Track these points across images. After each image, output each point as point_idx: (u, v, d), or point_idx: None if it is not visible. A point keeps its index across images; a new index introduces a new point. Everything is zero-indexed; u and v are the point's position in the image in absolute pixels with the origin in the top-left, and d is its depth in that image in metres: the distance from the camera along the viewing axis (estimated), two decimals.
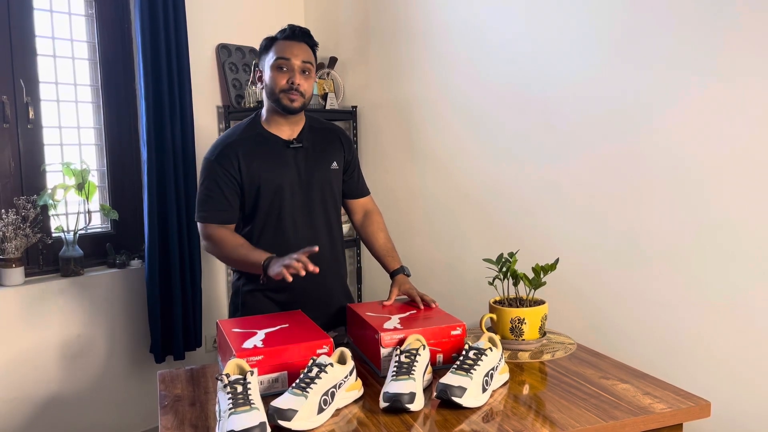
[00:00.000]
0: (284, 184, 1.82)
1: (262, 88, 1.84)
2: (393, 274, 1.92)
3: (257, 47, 3.32)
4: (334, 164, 1.90)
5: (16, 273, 2.60)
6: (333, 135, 1.94)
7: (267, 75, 1.80)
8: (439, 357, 1.58)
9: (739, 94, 1.80)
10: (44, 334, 2.67)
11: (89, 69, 2.90)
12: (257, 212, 1.83)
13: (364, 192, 2.05)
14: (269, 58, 1.80)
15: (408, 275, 1.92)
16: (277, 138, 1.84)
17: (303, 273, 1.55)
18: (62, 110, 2.82)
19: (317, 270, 1.57)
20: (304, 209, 1.86)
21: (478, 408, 1.35)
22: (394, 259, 1.96)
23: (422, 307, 1.75)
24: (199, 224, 1.83)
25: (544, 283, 1.74)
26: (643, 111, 2.04)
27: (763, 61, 1.74)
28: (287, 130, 1.85)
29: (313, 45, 1.84)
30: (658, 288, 2.05)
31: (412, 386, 1.34)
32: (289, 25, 1.82)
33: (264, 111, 1.87)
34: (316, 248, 1.63)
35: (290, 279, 1.55)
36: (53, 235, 2.77)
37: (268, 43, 1.82)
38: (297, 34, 1.79)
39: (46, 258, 2.76)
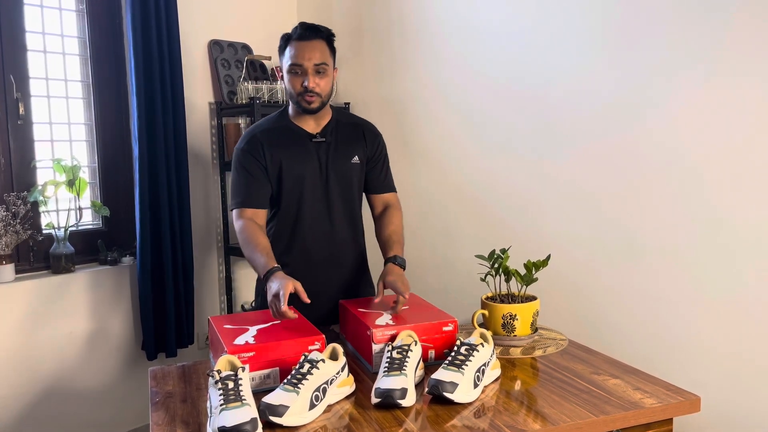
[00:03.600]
0: (305, 174, 1.86)
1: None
2: (384, 263, 1.88)
3: (250, 43, 3.34)
4: (356, 158, 1.93)
5: (7, 270, 2.59)
6: (358, 130, 1.96)
7: (285, 77, 1.85)
8: (431, 353, 1.58)
9: (735, 90, 1.81)
10: (35, 332, 2.66)
11: (80, 65, 2.88)
12: (279, 202, 1.88)
13: (387, 188, 2.03)
14: (285, 61, 1.84)
15: (400, 265, 1.82)
16: (302, 131, 1.88)
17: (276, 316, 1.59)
18: (53, 106, 2.80)
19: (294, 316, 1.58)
20: (324, 201, 1.89)
21: (470, 403, 1.36)
22: (391, 248, 1.88)
23: (404, 297, 1.66)
24: (233, 213, 1.85)
25: (536, 279, 1.74)
26: (639, 106, 2.05)
27: (759, 58, 1.75)
28: (312, 124, 1.89)
29: (327, 36, 1.84)
30: (649, 284, 2.06)
31: (403, 382, 1.34)
32: (300, 23, 1.83)
33: (290, 106, 1.91)
34: (307, 300, 1.60)
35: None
36: (44, 231, 2.75)
37: (283, 43, 1.85)
38: (307, 34, 1.80)
39: (36, 255, 2.75)
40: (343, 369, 1.41)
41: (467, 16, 2.62)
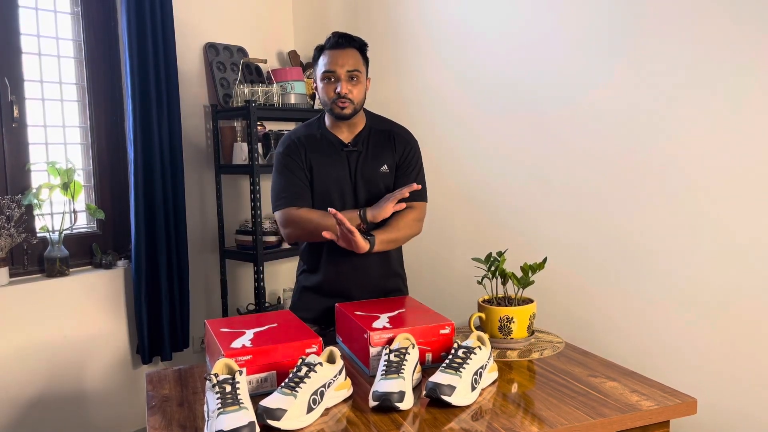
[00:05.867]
0: (334, 182, 1.88)
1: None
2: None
3: (245, 46, 3.33)
4: (385, 167, 1.92)
5: (1, 273, 2.57)
6: (389, 137, 1.94)
7: (318, 86, 1.87)
8: (428, 356, 1.58)
9: (732, 94, 1.82)
10: (30, 335, 2.64)
11: (75, 67, 2.88)
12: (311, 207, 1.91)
13: (413, 197, 1.90)
14: (318, 69, 1.86)
15: (367, 238, 1.77)
16: (335, 138, 1.91)
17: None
18: (47, 109, 2.79)
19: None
20: (352, 208, 1.89)
21: (468, 406, 1.36)
22: (379, 228, 1.83)
23: (406, 193, 1.79)
24: (277, 214, 1.88)
25: (533, 282, 1.75)
26: (632, 111, 2.06)
27: (757, 62, 1.76)
28: (345, 132, 1.92)
29: (360, 46, 1.86)
30: (645, 287, 2.06)
31: (401, 385, 1.34)
32: (333, 33, 1.85)
33: (326, 115, 1.94)
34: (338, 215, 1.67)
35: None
36: (38, 235, 2.74)
37: (317, 53, 1.88)
38: (341, 43, 1.83)
39: (30, 258, 2.74)
40: (340, 372, 1.41)
41: (463, 19, 2.63)
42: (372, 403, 1.33)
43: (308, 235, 1.85)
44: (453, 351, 1.45)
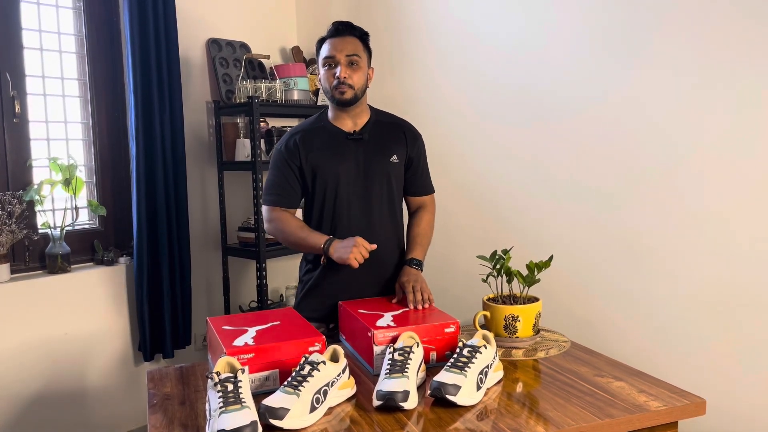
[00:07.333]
0: (340, 173, 1.87)
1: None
2: (403, 265, 1.92)
3: (248, 42, 3.32)
4: (394, 157, 1.93)
5: (2, 270, 2.56)
6: (397, 129, 1.97)
7: (321, 75, 1.89)
8: (433, 355, 1.56)
9: (735, 90, 1.80)
10: (30, 332, 2.63)
11: (77, 63, 2.86)
12: (315, 199, 1.91)
13: (424, 191, 2.04)
14: (320, 58, 1.88)
15: (416, 267, 1.88)
16: (339, 130, 1.91)
17: (362, 260, 1.70)
18: (49, 104, 2.77)
19: (374, 246, 1.72)
20: (361, 199, 1.90)
21: (473, 406, 1.34)
22: (412, 250, 1.94)
23: (410, 306, 1.71)
24: (263, 208, 1.93)
25: (538, 280, 1.73)
26: (635, 109, 2.04)
27: (758, 58, 1.74)
28: (350, 123, 1.91)
29: (361, 35, 1.88)
30: (651, 286, 2.04)
31: (405, 384, 1.32)
32: (333, 22, 1.87)
33: (329, 108, 1.95)
34: (374, 246, 1.73)
35: (356, 265, 1.70)
36: (40, 231, 2.73)
37: (318, 44, 1.90)
38: (340, 30, 1.85)
39: (32, 254, 2.72)
40: (344, 371, 1.39)
41: (465, 16, 2.61)
42: (376, 403, 1.32)
43: (286, 243, 1.89)
44: (458, 350, 1.43)
